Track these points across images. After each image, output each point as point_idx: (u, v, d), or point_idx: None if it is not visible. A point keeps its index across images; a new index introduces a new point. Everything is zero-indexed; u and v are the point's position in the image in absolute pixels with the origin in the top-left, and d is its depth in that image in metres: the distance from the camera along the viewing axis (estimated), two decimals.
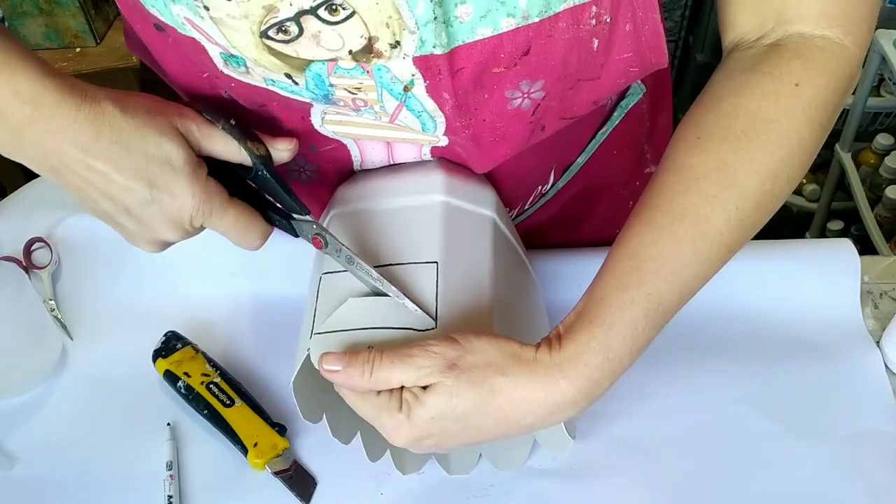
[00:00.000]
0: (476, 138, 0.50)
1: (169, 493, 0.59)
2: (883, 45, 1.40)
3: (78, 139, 0.44)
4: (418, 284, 0.50)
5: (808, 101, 0.45)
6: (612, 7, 0.44)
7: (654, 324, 0.45)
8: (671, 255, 0.44)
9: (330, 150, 0.56)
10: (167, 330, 0.68)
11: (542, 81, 0.46)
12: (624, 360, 0.44)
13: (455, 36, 0.42)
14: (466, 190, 0.56)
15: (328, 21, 0.41)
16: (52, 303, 0.72)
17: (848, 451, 0.60)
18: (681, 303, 0.46)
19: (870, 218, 1.55)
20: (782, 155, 0.45)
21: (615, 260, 0.46)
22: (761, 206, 0.45)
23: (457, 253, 0.52)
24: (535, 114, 0.49)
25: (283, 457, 0.60)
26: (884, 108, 1.57)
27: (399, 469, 0.57)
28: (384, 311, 0.49)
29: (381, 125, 0.52)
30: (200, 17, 0.42)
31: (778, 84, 0.45)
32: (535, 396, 0.43)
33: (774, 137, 0.44)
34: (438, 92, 0.45)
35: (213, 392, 0.63)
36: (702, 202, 0.44)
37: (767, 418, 0.62)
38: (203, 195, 0.48)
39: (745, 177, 0.44)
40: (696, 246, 0.44)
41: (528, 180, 0.63)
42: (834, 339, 0.68)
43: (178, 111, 0.47)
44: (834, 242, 0.72)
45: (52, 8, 1.44)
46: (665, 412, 0.63)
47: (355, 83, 0.45)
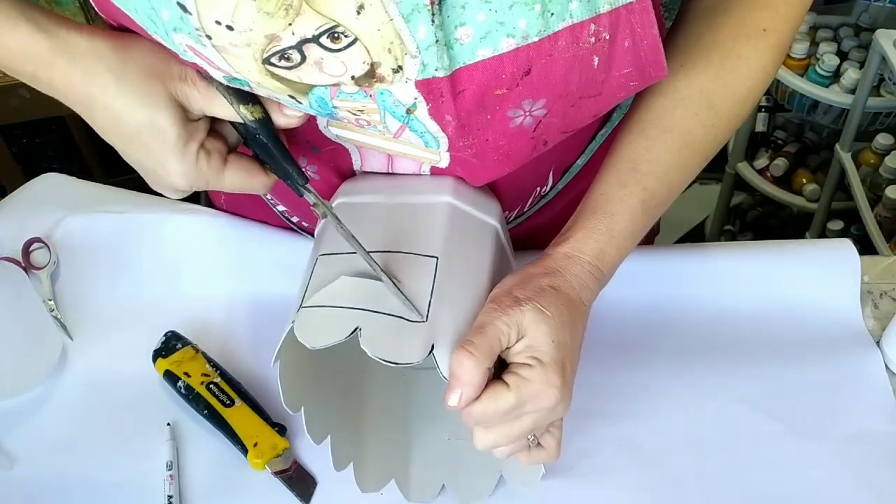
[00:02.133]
0: (480, 157, 0.51)
1: (169, 493, 0.59)
2: (883, 45, 1.40)
3: (75, 98, 0.47)
4: (416, 275, 0.49)
5: (773, 44, 0.53)
6: (611, 24, 0.44)
7: (649, 213, 0.53)
8: (662, 159, 0.53)
9: (331, 150, 0.56)
10: (167, 330, 0.68)
11: (543, 100, 0.46)
12: (626, 240, 0.52)
13: (456, 58, 0.42)
14: (474, 197, 0.56)
15: (330, 49, 0.41)
16: (51, 303, 0.72)
17: (848, 451, 0.60)
18: (669, 198, 0.54)
19: (870, 218, 1.54)
20: (750, 85, 0.54)
21: (613, 163, 0.54)
22: (730, 125, 0.55)
23: (458, 254, 0.52)
24: (536, 130, 0.49)
25: (283, 457, 0.60)
26: (884, 108, 1.57)
27: (407, 496, 0.58)
28: (376, 293, 0.48)
29: (385, 138, 0.52)
30: (203, 46, 0.42)
31: (749, 28, 0.53)
32: (579, 281, 0.50)
33: (745, 71, 0.53)
34: (441, 114, 0.46)
35: (213, 392, 0.63)
36: (687, 119, 0.53)
37: (767, 418, 0.62)
38: (193, 172, 0.48)
39: (721, 100, 0.53)
40: (681, 153, 0.53)
41: (527, 182, 0.63)
42: (834, 339, 0.68)
43: (180, 73, 0.47)
44: (834, 242, 0.72)
45: (51, 8, 1.44)
46: (665, 412, 0.63)
47: (358, 105, 0.46)
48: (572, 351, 0.49)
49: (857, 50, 1.61)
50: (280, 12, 0.39)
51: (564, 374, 0.47)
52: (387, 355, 0.46)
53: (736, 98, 0.54)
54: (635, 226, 0.52)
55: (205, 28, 0.40)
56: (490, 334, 0.46)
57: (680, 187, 0.55)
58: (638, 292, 0.71)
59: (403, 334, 0.47)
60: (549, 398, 0.46)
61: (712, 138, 0.54)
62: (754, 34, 0.53)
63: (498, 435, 0.48)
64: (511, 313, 0.47)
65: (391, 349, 0.46)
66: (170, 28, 0.41)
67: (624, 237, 0.52)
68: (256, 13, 0.39)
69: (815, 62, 1.62)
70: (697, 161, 0.54)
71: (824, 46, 1.63)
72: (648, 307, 0.70)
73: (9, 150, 1.91)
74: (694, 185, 2.23)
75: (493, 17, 0.41)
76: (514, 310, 0.47)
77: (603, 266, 0.51)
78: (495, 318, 0.47)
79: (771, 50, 0.54)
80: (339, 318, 0.48)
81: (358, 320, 0.47)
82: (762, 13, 0.53)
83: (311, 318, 0.49)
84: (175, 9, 0.40)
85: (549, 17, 0.42)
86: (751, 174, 1.85)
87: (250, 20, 0.39)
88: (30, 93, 1.48)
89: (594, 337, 0.69)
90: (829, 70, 1.59)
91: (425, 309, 0.48)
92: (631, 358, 0.67)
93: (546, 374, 0.46)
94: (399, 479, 0.59)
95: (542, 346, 0.47)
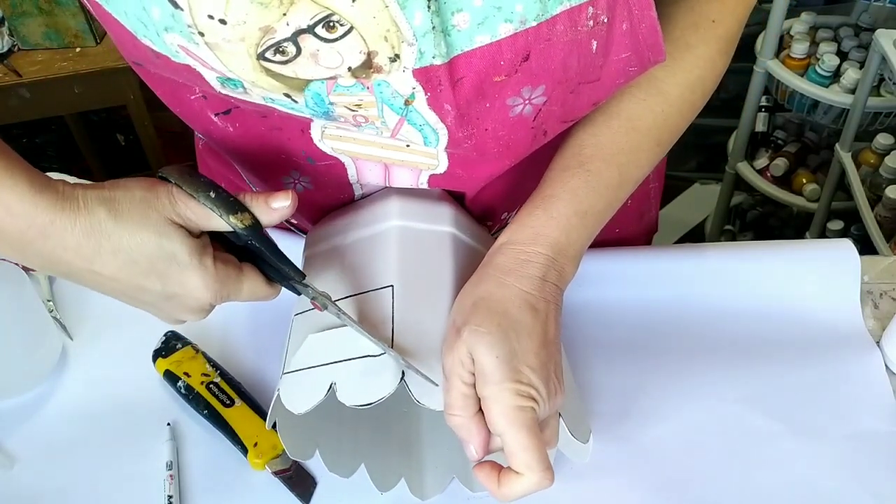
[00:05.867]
0: (479, 149, 0.50)
1: (169, 493, 0.59)
2: (883, 45, 1.40)
3: (80, 253, 0.45)
4: (375, 311, 0.50)
5: (721, 34, 0.54)
6: (609, 7, 0.44)
7: (597, 192, 0.52)
8: (607, 143, 0.53)
9: (326, 165, 0.55)
10: (167, 330, 0.68)
11: (543, 87, 0.46)
12: (572, 218, 0.51)
13: (454, 45, 0.42)
14: (421, 210, 0.56)
15: (326, 39, 0.40)
16: (50, 304, 0.72)
17: (848, 451, 0.60)
18: (623, 181, 0.53)
19: (870, 218, 1.54)
20: (698, 73, 0.54)
21: (559, 152, 0.54)
22: (682, 111, 0.54)
23: (413, 273, 0.52)
24: (536, 119, 0.49)
25: (283, 457, 0.60)
26: (884, 108, 1.57)
27: (417, 495, 0.58)
28: (342, 341, 0.49)
29: (380, 143, 0.52)
30: (195, 44, 0.41)
31: (698, 18, 0.53)
32: (529, 280, 0.49)
33: (693, 59, 0.53)
34: (440, 104, 0.45)
35: (213, 392, 0.63)
36: (633, 105, 0.53)
37: (767, 418, 0.62)
38: (216, 284, 0.47)
39: (670, 87, 0.53)
40: (629, 137, 0.53)
41: (528, 183, 0.63)
42: (834, 339, 0.68)
43: (169, 197, 0.46)
44: (834, 242, 0.72)
45: (52, 8, 1.44)
46: (665, 412, 0.63)
47: (355, 100, 0.45)
48: (534, 348, 0.47)
49: (857, 50, 1.61)
50: (274, 2, 0.38)
51: (527, 378, 0.46)
52: (362, 399, 0.46)
53: (685, 84, 0.54)
54: (580, 205, 0.51)
55: (197, 24, 0.39)
56: (452, 383, 0.46)
57: (635, 172, 0.54)
58: (638, 292, 0.71)
59: (372, 372, 0.47)
60: (528, 414, 0.45)
61: (662, 123, 0.54)
62: (703, 24, 0.53)
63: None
64: (456, 349, 0.46)
65: (365, 391, 0.47)
66: (161, 28, 0.41)
67: (567, 216, 0.51)
68: (250, 4, 0.38)
69: (815, 62, 1.62)
70: (648, 145, 0.54)
71: (824, 46, 1.63)
72: (648, 307, 0.70)
73: None
74: (694, 185, 2.24)
75: (490, 3, 0.40)
76: (457, 344, 0.46)
77: (546, 248, 0.50)
78: (448, 361, 0.47)
79: (717, 41, 0.54)
80: (316, 378, 0.49)
81: (331, 375, 0.48)
82: (712, 4, 0.53)
83: (292, 384, 0.50)
84: (166, 6, 0.39)
85: (546, 1, 0.41)
86: (751, 174, 1.85)
87: (244, 12, 0.38)
88: (30, 93, 1.49)
89: (594, 337, 0.69)
90: (829, 70, 1.59)
91: (389, 340, 0.48)
92: (630, 358, 0.67)
93: (510, 403, 0.45)
94: (411, 477, 0.59)
95: (488, 368, 0.45)
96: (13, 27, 1.47)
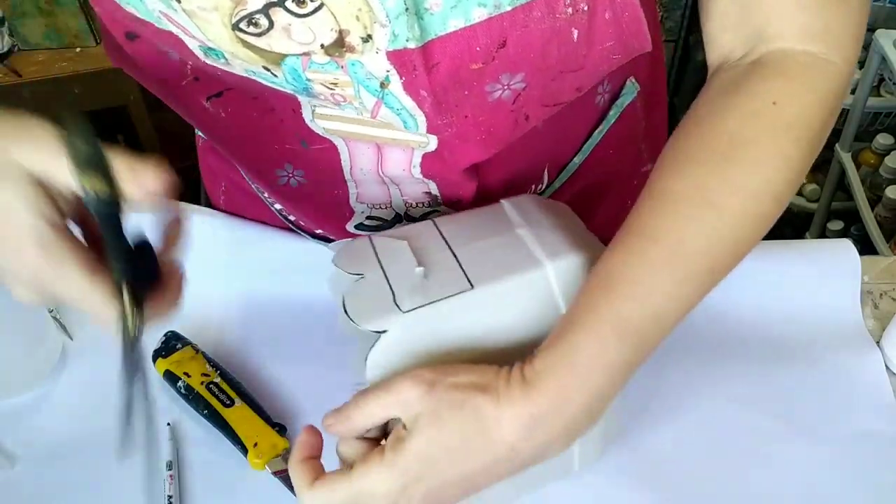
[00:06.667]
0: (462, 136, 0.50)
1: (169, 493, 0.59)
2: (883, 45, 1.40)
3: None
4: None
5: (790, 120, 0.43)
6: None
7: (629, 343, 0.42)
8: (643, 277, 0.42)
9: (320, 150, 0.55)
10: (167, 330, 0.68)
11: (522, 74, 0.46)
12: (594, 375, 0.42)
13: (427, 28, 0.42)
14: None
15: (296, 14, 0.41)
16: None
17: (848, 451, 0.60)
18: (658, 327, 0.43)
19: (870, 218, 1.55)
20: (764, 174, 0.43)
21: (589, 284, 0.44)
22: (744, 225, 0.43)
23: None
24: (515, 103, 0.48)
25: (283, 457, 0.60)
26: (884, 108, 1.57)
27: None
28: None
29: (368, 122, 0.51)
30: (174, 10, 0.41)
31: (758, 103, 0.44)
32: (512, 411, 0.41)
33: (754, 157, 0.43)
34: (415, 89, 0.45)
35: (213, 392, 0.63)
36: (678, 224, 0.43)
37: (767, 418, 0.62)
38: (38, 250, 0.39)
39: (724, 197, 0.42)
40: (672, 267, 0.42)
41: (522, 179, 0.63)
42: (834, 339, 0.68)
43: (36, 147, 0.38)
44: (834, 242, 0.72)
45: (52, 8, 1.44)
46: (665, 412, 0.63)
47: (331, 78, 0.45)
48: (436, 468, 0.41)
49: None
50: None
51: (403, 473, 0.40)
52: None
53: (745, 193, 0.43)
54: (607, 358, 0.42)
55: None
56: (373, 398, 0.42)
57: (673, 313, 0.43)
58: None
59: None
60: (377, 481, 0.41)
61: (718, 246, 0.43)
62: (764, 110, 0.44)
63: None
64: (412, 395, 0.41)
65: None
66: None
67: (590, 372, 0.42)
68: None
69: None
70: (698, 277, 0.43)
71: None
72: None
73: None
74: None
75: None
76: (422, 399, 0.41)
77: (559, 412, 0.41)
78: (397, 387, 0.42)
79: (787, 129, 0.43)
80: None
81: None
82: (774, 81, 0.44)
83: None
84: None
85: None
86: None
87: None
88: (30, 93, 1.49)
89: None
90: None
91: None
92: None
93: (386, 463, 0.41)
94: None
95: (411, 440, 0.40)
96: (13, 27, 1.48)
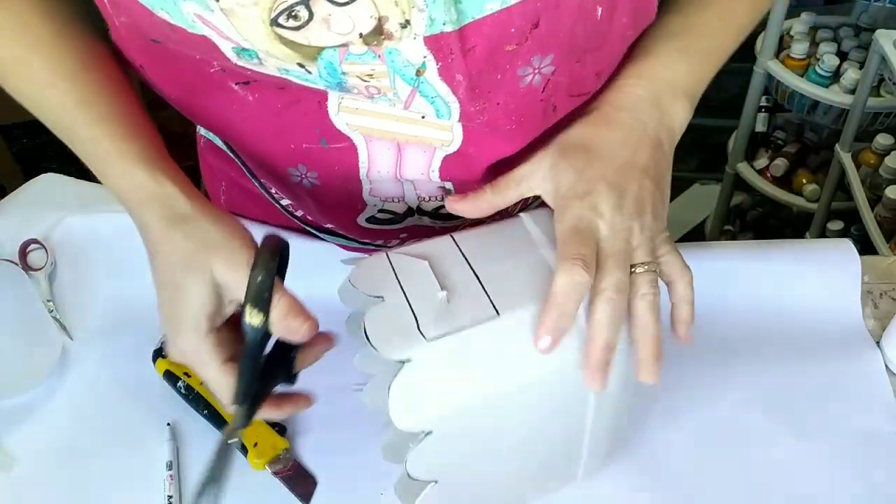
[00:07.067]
0: (492, 124, 0.50)
1: (169, 493, 0.59)
2: (883, 45, 1.40)
3: (150, 237, 0.50)
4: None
5: None
6: None
7: (695, 33, 0.54)
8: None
9: (338, 150, 0.55)
10: None
11: (552, 55, 0.47)
12: (671, 54, 0.52)
13: (464, 12, 0.42)
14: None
15: (337, 2, 0.41)
16: (49, 304, 0.72)
17: (848, 451, 0.60)
18: (722, 21, 0.55)
19: (870, 218, 1.54)
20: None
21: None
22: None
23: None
24: (545, 90, 0.49)
25: (283, 457, 0.60)
26: (884, 108, 1.57)
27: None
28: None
29: (395, 115, 0.51)
30: (210, 11, 0.42)
31: None
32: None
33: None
34: (451, 74, 0.46)
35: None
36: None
37: (767, 418, 0.62)
38: (193, 336, 0.48)
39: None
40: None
41: None
42: (834, 339, 0.68)
43: (226, 253, 0.47)
44: (834, 242, 0.72)
45: None
46: (665, 412, 0.63)
47: (367, 69, 0.45)
48: (605, 170, 0.48)
49: (856, 50, 1.61)
50: None
51: (589, 193, 0.47)
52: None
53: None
54: (678, 42, 0.53)
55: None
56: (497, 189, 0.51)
57: (733, 15, 0.55)
58: None
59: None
60: (580, 223, 0.46)
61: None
62: None
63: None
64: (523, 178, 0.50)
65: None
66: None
67: (666, 52, 0.52)
68: None
69: (815, 62, 1.62)
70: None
71: (824, 47, 1.63)
72: None
73: (9, 150, 1.91)
74: (694, 185, 2.24)
75: None
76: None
77: (639, 79, 0.51)
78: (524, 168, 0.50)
79: None
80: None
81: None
82: None
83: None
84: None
85: None
86: (751, 174, 1.85)
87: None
88: None
89: None
90: (829, 70, 1.59)
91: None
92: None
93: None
94: None
95: (550, 190, 0.49)
96: None
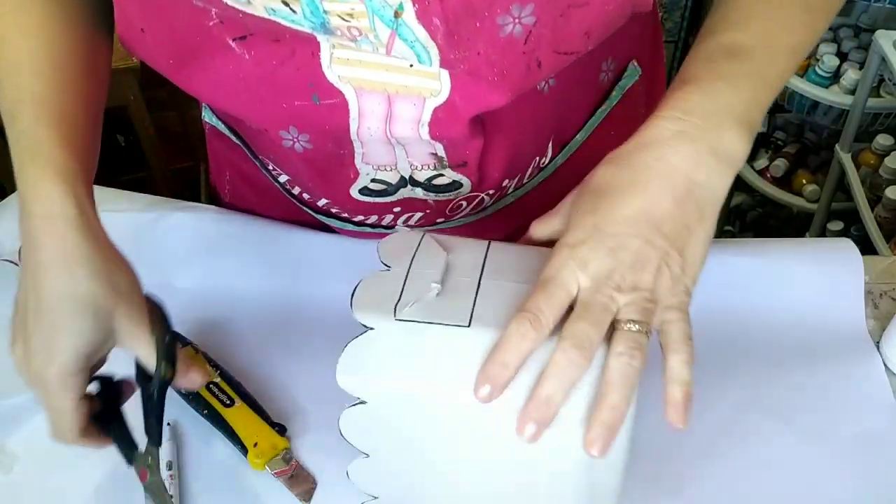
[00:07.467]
0: (474, 74, 0.50)
1: (169, 493, 0.59)
2: (883, 45, 1.40)
3: (38, 252, 0.57)
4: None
5: None
6: None
7: (738, 60, 0.50)
8: (742, 8, 0.52)
9: (330, 105, 0.55)
10: None
11: (532, 5, 0.47)
12: (716, 82, 0.49)
13: None
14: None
15: None
16: None
17: (848, 451, 0.60)
18: (769, 45, 0.51)
19: (870, 218, 1.55)
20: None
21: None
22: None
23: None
24: (527, 43, 0.49)
25: (283, 457, 0.60)
26: (884, 109, 1.57)
27: None
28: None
29: (385, 66, 0.52)
30: None
31: None
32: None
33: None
34: (429, 17, 0.46)
35: (213, 392, 0.63)
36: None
37: (767, 418, 0.62)
38: (62, 374, 0.53)
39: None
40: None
41: (527, 150, 0.63)
42: (834, 339, 0.68)
43: (128, 305, 0.52)
44: (836, 242, 0.72)
45: None
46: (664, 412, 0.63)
47: (347, 9, 0.46)
48: (617, 215, 0.46)
49: (856, 51, 1.61)
50: None
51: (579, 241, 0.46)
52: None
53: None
54: (720, 71, 0.49)
55: None
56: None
57: (784, 37, 0.52)
58: None
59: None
60: (556, 272, 0.46)
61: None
62: None
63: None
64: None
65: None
66: None
67: (702, 79, 0.49)
68: None
69: (814, 63, 1.62)
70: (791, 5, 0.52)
71: (824, 47, 1.64)
72: None
73: (9, 150, 1.90)
74: None
75: None
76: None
77: (674, 109, 0.48)
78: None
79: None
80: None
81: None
82: None
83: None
84: None
85: None
86: (751, 175, 1.85)
87: None
88: None
89: None
90: (829, 71, 1.59)
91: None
92: None
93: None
94: None
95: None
96: None
